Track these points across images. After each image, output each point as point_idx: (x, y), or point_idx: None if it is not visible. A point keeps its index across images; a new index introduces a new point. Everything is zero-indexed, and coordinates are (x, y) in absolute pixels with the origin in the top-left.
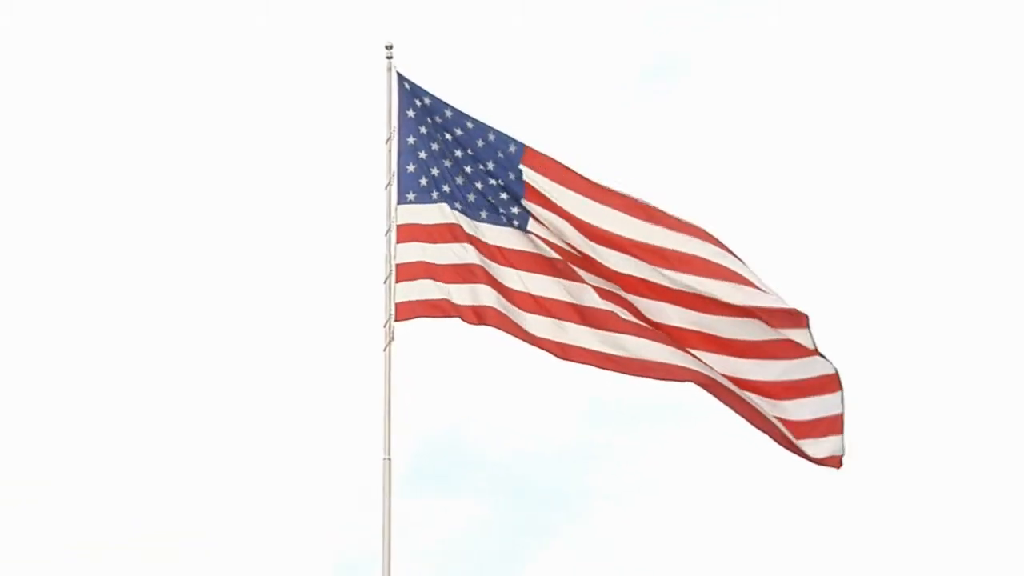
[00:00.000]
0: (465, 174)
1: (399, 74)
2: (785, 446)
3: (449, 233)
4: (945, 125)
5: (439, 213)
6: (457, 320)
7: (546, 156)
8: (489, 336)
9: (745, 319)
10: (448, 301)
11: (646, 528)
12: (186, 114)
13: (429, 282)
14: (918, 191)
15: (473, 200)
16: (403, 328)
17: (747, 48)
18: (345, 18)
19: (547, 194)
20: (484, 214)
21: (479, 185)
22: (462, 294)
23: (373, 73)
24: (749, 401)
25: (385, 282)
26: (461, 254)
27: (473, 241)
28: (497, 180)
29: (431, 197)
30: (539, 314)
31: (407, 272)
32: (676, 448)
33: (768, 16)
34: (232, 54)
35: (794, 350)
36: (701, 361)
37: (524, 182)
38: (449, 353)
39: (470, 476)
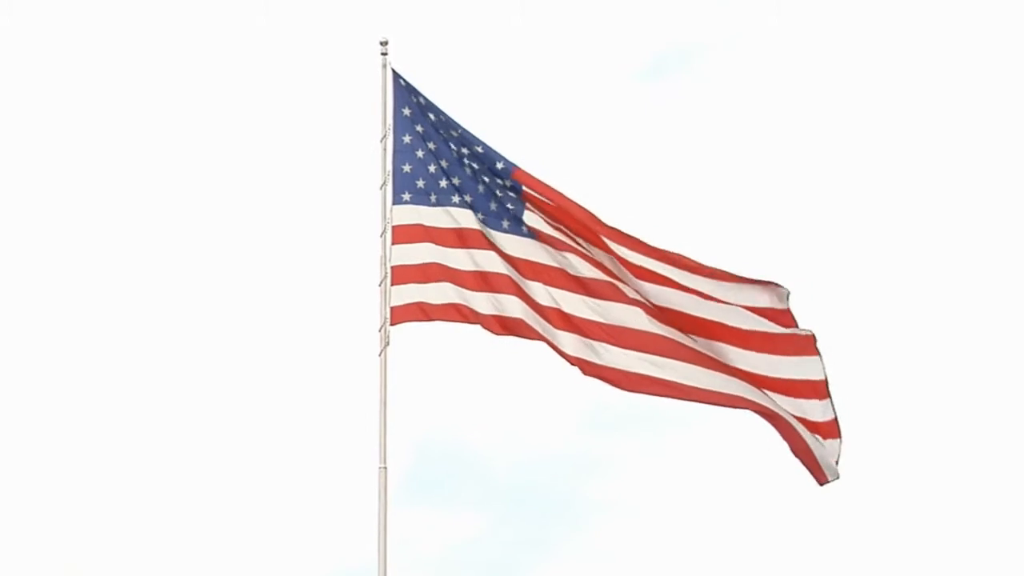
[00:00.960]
0: (464, 175)
1: (394, 71)
2: (820, 481)
3: (455, 237)
4: (946, 123)
5: (445, 216)
6: (452, 325)
7: (538, 180)
8: (488, 341)
9: (792, 356)
10: (467, 307)
11: (650, 540)
12: (178, 111)
13: (448, 285)
14: (920, 190)
15: (471, 201)
16: (399, 332)
17: (755, 40)
18: (339, 13)
19: (554, 211)
20: (481, 216)
21: (480, 188)
22: (481, 302)
23: (367, 70)
24: (805, 437)
25: (380, 285)
26: (472, 260)
27: (492, 248)
28: (495, 182)
29: (430, 200)
30: (570, 332)
31: (403, 275)
32: (679, 456)
33: (774, 9)
34: (225, 50)
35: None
36: (764, 393)
37: (522, 191)
38: (446, 359)
39: (468, 485)
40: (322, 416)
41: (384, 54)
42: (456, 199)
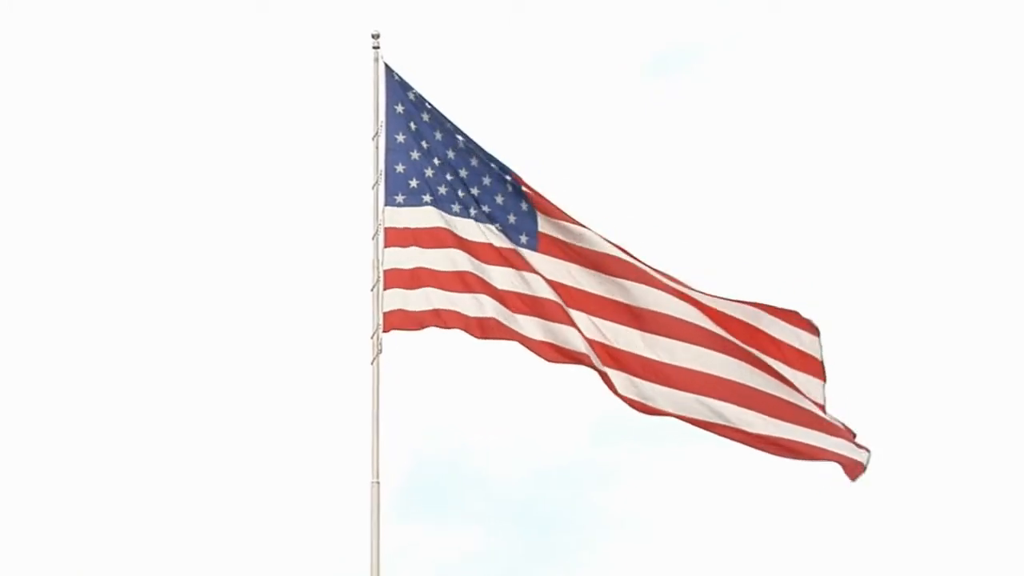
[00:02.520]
0: (460, 177)
1: (387, 65)
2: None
3: (454, 243)
4: (946, 121)
5: (440, 220)
6: (445, 331)
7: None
8: (487, 349)
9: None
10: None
11: (662, 557)
12: (161, 105)
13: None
14: (920, 188)
15: (464, 202)
16: (392, 340)
17: (755, 40)
18: (330, 4)
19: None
20: (498, 226)
21: (474, 191)
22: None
23: (359, 64)
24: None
25: (372, 289)
26: (469, 264)
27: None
28: (497, 183)
29: (423, 200)
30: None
31: (396, 279)
32: (694, 468)
33: (774, 8)
34: (211, 44)
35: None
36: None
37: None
38: (443, 367)
39: (467, 500)
40: (312, 428)
41: (376, 47)
42: (456, 207)
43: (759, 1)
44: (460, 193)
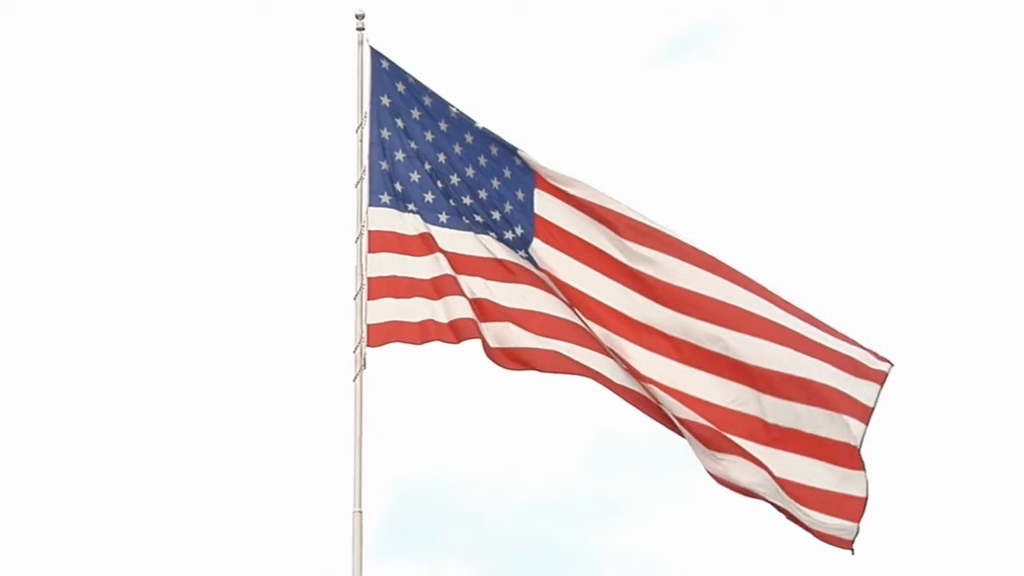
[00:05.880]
0: (449, 185)
1: (373, 49)
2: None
3: (437, 248)
4: (960, 101)
5: (438, 232)
6: (438, 347)
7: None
8: (480, 366)
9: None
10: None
11: None
12: (128, 96)
13: (439, 303)
14: (942, 170)
15: (455, 212)
16: (377, 354)
17: (784, 17)
18: None
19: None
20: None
21: (466, 200)
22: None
23: (342, 47)
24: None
25: (355, 298)
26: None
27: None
28: (490, 196)
29: (408, 208)
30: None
31: (381, 287)
32: (703, 500)
33: None
34: (180, 26)
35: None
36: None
37: (535, 213)
38: (432, 385)
39: (456, 532)
40: (288, 451)
41: (360, 29)
42: (444, 217)
43: None
44: (451, 202)
